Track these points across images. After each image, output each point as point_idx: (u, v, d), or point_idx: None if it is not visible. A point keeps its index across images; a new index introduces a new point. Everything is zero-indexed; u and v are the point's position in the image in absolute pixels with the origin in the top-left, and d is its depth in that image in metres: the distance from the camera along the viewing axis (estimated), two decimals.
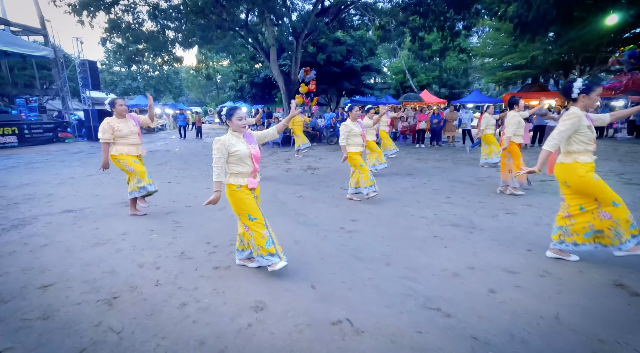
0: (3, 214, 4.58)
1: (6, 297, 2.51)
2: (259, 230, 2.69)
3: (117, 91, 26.03)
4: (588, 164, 2.76)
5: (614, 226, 2.69)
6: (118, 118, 4.19)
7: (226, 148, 2.63)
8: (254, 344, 1.99)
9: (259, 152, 2.83)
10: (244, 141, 2.75)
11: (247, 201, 2.70)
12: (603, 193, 2.70)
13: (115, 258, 3.18)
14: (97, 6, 12.06)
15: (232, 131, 2.75)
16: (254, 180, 2.78)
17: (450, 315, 2.25)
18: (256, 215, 2.70)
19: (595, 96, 2.74)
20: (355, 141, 4.81)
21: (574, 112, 2.75)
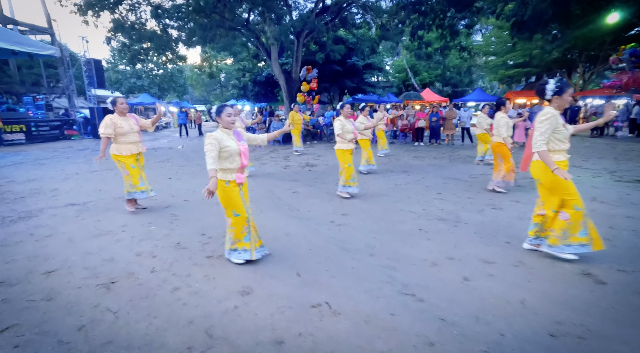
0: (11, 207, 4.81)
1: (13, 281, 2.71)
2: (239, 226, 2.85)
3: (122, 89, 26.35)
4: (562, 163, 2.88)
5: (566, 230, 2.82)
6: (120, 116, 4.37)
7: (218, 142, 2.76)
8: (238, 323, 2.16)
9: (247, 149, 2.96)
10: (233, 138, 2.89)
11: (233, 197, 2.83)
12: (569, 194, 2.81)
13: (114, 248, 3.37)
14: (101, 6, 12.27)
15: (222, 128, 2.89)
16: (242, 175, 2.91)
17: (424, 300, 2.40)
18: (240, 212, 2.84)
19: (567, 96, 2.85)
20: (346, 137, 4.92)
21: (549, 111, 2.87)
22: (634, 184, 5.53)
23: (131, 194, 4.41)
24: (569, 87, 2.87)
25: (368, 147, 6.77)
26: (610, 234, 3.45)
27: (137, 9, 13.10)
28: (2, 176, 7.12)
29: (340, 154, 5.00)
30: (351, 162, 5.02)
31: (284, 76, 13.43)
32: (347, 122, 4.95)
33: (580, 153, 9.18)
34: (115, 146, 4.37)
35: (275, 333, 2.06)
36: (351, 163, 5.02)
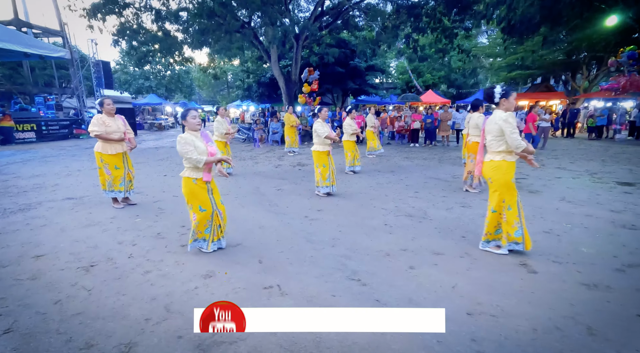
0: (13, 200, 5.18)
1: (4, 263, 3.03)
2: (204, 220, 3.09)
3: (131, 90, 27.08)
4: (512, 164, 3.06)
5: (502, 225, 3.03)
6: (107, 116, 4.62)
7: (189, 143, 3.02)
8: (194, 301, 2.44)
9: (215, 150, 3.18)
10: (201, 140, 3.12)
11: (200, 194, 3.06)
12: (511, 195, 3.01)
13: (100, 237, 3.68)
14: (108, 10, 12.74)
15: (190, 130, 3.10)
16: (209, 174, 3.12)
17: (366, 284, 2.64)
18: (206, 207, 3.07)
19: (512, 99, 3.06)
20: (322, 140, 5.14)
21: (501, 115, 3.06)
22: (610, 186, 5.65)
23: (111, 193, 4.66)
24: (514, 91, 3.09)
25: (353, 148, 6.98)
26: (561, 230, 3.65)
27: (141, 13, 13.56)
28: (9, 172, 7.55)
29: (317, 155, 5.22)
30: (326, 163, 5.23)
31: (284, 77, 13.73)
32: (322, 125, 5.17)
33: (570, 154, 9.26)
34: (101, 144, 4.53)
35: None
36: (326, 164, 5.23)
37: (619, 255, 3.05)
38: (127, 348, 1.95)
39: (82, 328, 2.13)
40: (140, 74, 25.48)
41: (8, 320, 2.21)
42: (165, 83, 27.08)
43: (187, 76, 28.85)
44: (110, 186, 4.63)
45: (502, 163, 3.05)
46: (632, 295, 2.42)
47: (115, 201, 4.80)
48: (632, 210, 4.32)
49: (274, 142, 13.08)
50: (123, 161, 4.70)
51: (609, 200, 4.79)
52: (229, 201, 5.11)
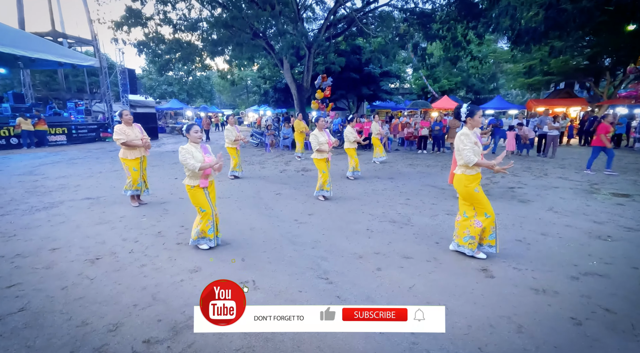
0: (40, 199, 5.77)
1: (25, 254, 3.51)
2: (205, 220, 3.50)
3: (155, 95, 28.48)
4: (472, 176, 3.25)
5: (480, 233, 3.22)
6: (126, 126, 5.19)
7: (189, 152, 3.43)
8: (178, 291, 2.79)
9: (211, 160, 3.58)
10: (200, 151, 3.54)
11: (199, 197, 3.49)
12: (480, 204, 3.21)
13: (108, 233, 4.13)
14: (133, 23, 13.61)
15: (191, 142, 3.54)
16: (206, 181, 3.52)
17: (332, 283, 2.92)
18: (205, 208, 3.49)
19: (477, 117, 3.27)
20: (322, 148, 5.47)
21: (464, 132, 3.28)
22: (604, 197, 5.65)
23: (128, 191, 5.26)
24: (478, 110, 3.30)
25: (354, 155, 7.26)
26: (533, 239, 3.78)
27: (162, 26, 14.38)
28: (40, 173, 8.28)
29: (317, 162, 5.56)
30: (326, 169, 5.56)
31: (296, 84, 14.15)
32: (320, 134, 5.49)
33: (579, 164, 9.13)
34: (123, 150, 5.21)
35: (193, 300, 2.65)
36: (326, 170, 5.56)
37: (580, 264, 3.17)
38: (115, 327, 2.32)
39: (80, 310, 2.52)
40: (164, 80, 26.73)
41: (23, 301, 2.64)
42: (187, 88, 28.25)
43: (207, 82, 29.97)
44: (130, 186, 5.24)
45: (462, 176, 3.25)
46: (576, 300, 2.57)
47: (132, 199, 5.38)
48: (615, 222, 4.36)
49: (284, 147, 13.49)
50: (140, 165, 5.29)
51: (596, 211, 4.83)
52: (229, 203, 5.51)
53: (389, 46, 12.11)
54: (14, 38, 13.90)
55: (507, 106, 22.13)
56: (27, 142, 13.91)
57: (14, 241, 3.89)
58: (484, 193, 3.28)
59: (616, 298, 2.59)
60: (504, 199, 5.67)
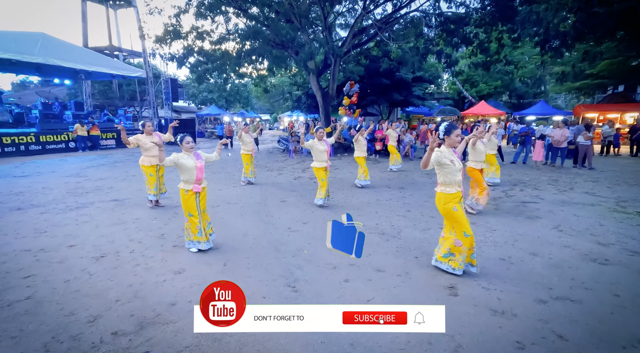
0: (76, 199, 6.53)
1: (47, 249, 4.06)
2: (194, 224, 3.83)
3: (197, 101, 30.42)
4: (452, 195, 3.25)
5: (462, 253, 3.19)
6: (146, 135, 5.76)
7: (177, 159, 3.79)
8: (157, 290, 3.11)
9: (203, 166, 3.94)
10: (193, 158, 3.90)
11: (190, 202, 3.83)
12: (458, 223, 3.19)
13: (119, 234, 4.62)
14: (174, 36, 14.74)
15: (184, 151, 3.92)
16: (199, 186, 3.88)
17: (297, 291, 3.08)
18: (194, 213, 3.82)
19: (454, 136, 3.27)
20: (320, 157, 5.65)
21: (440, 149, 3.29)
22: (626, 216, 5.21)
23: (151, 196, 5.82)
24: (455, 129, 3.30)
25: (364, 163, 7.34)
26: (519, 258, 3.66)
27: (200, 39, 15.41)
28: (84, 175, 9.30)
29: (316, 171, 5.75)
30: (325, 178, 5.73)
31: (321, 92, 14.42)
32: (319, 144, 5.67)
33: (616, 178, 8.40)
34: (141, 157, 5.80)
35: (175, 298, 2.96)
36: (325, 178, 5.72)
37: (557, 287, 3.04)
38: (94, 318, 2.67)
39: (72, 301, 2.92)
40: (205, 88, 28.42)
41: (31, 291, 3.10)
42: (226, 95, 29.78)
43: (244, 89, 31.34)
44: (148, 190, 5.83)
45: (441, 195, 3.27)
46: (531, 324, 2.50)
47: (150, 202, 5.95)
48: (623, 244, 4.05)
49: (308, 153, 13.79)
50: (156, 171, 5.83)
51: (607, 232, 4.49)
52: (234, 209, 5.86)
53: (409, 54, 11.96)
54: (76, 54, 15.69)
55: (551, 112, 20.62)
56: (82, 146, 15.54)
57: (43, 237, 4.50)
58: (463, 212, 3.26)
59: (576, 325, 2.48)
60: (511, 214, 5.45)
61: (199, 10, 13.97)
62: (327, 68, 16.71)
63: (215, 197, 6.69)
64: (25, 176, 8.98)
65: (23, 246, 4.11)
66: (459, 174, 3.30)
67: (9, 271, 3.46)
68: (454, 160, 3.29)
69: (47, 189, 7.37)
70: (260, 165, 11.32)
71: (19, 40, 13.16)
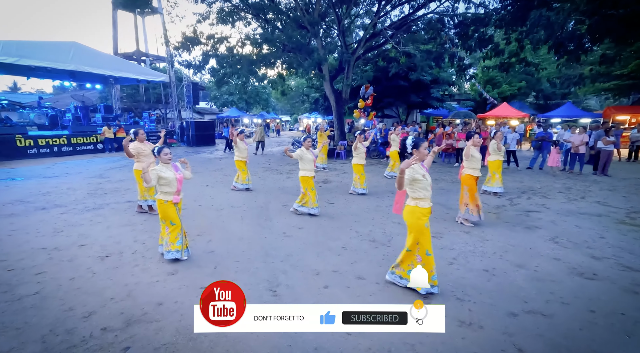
0: (94, 200, 7.01)
1: (60, 248, 4.44)
2: (174, 233, 3.99)
3: (218, 103, 31.36)
4: (425, 210, 3.28)
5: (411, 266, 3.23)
6: (140, 143, 6.05)
7: (158, 173, 3.89)
8: (150, 290, 3.37)
9: (182, 177, 4.07)
10: (171, 170, 4.04)
11: (170, 212, 3.97)
12: (425, 240, 3.23)
13: (126, 235, 4.96)
14: (194, 43, 15.33)
15: (162, 163, 4.06)
16: (178, 197, 4.02)
17: (277, 296, 3.25)
18: (175, 222, 3.98)
19: (423, 149, 3.30)
20: (307, 166, 5.76)
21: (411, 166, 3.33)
22: (633, 229, 5.02)
23: (140, 201, 6.05)
24: (422, 142, 3.34)
25: (361, 171, 7.39)
26: (502, 270, 3.65)
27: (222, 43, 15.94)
28: (106, 176, 9.90)
29: (303, 180, 5.83)
30: (313, 186, 5.81)
31: (334, 95, 14.55)
32: (307, 152, 5.77)
33: (635, 186, 8.01)
34: (137, 164, 5.97)
35: (164, 298, 3.21)
36: (314, 187, 5.81)
37: (532, 301, 3.03)
38: (89, 314, 2.95)
39: (73, 298, 3.23)
40: (226, 90, 29.22)
41: (40, 286, 3.44)
42: (246, 98, 30.49)
43: (264, 91, 31.94)
44: (139, 195, 6.07)
45: (415, 208, 3.30)
46: (494, 336, 2.54)
47: (139, 207, 6.12)
48: (617, 259, 3.94)
49: None
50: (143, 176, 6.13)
51: (605, 245, 4.37)
52: (236, 212, 6.11)
53: (418, 58, 11.86)
54: (106, 61, 16.66)
55: (578, 114, 19.71)
56: (109, 147, 16.43)
57: (59, 236, 4.91)
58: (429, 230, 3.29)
59: (540, 339, 2.50)
60: (509, 224, 5.38)
61: (219, 16, 14.50)
62: (341, 72, 16.84)
63: (221, 200, 6.99)
64: (55, 176, 9.68)
65: (40, 245, 4.52)
66: (430, 189, 3.33)
67: (24, 268, 3.84)
68: (425, 174, 3.32)
69: (71, 190, 7.93)
70: (271, 168, 11.60)
71: (54, 50, 14.14)
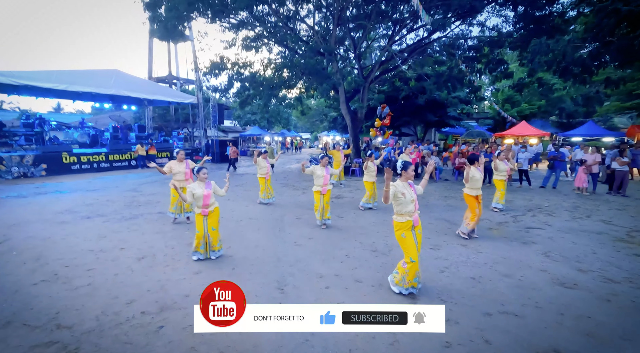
0: (130, 211, 7.85)
1: (105, 250, 5.17)
2: (198, 239, 4.67)
3: (241, 122, 32.91)
4: (402, 223, 3.72)
5: (405, 275, 3.66)
6: (178, 162, 6.87)
7: (192, 191, 4.62)
8: (179, 285, 3.99)
9: (210, 193, 4.74)
10: (202, 187, 4.73)
11: (198, 222, 4.68)
12: (406, 249, 3.67)
13: (158, 240, 5.66)
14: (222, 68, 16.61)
15: (199, 180, 4.80)
16: (206, 210, 4.70)
17: (284, 293, 3.78)
18: (199, 230, 4.67)
19: (410, 171, 3.79)
20: (318, 182, 6.35)
21: (395, 184, 3.80)
22: (629, 246, 5.22)
23: (168, 213, 6.86)
24: (410, 166, 3.84)
25: (371, 188, 7.90)
26: (489, 278, 4.03)
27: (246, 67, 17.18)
28: (140, 190, 10.87)
29: (315, 194, 6.42)
30: (318, 201, 6.36)
31: (350, 116, 15.24)
32: (319, 169, 6.35)
33: None
34: (172, 181, 6.80)
35: (190, 291, 3.80)
36: (317, 201, 6.37)
37: (509, 304, 3.41)
38: (130, 301, 3.59)
39: (118, 289, 3.89)
40: (249, 110, 30.73)
41: (91, 279, 4.13)
42: (267, 116, 31.88)
43: (285, 110, 33.28)
44: (170, 207, 6.85)
45: (394, 222, 3.80)
46: (466, 330, 2.95)
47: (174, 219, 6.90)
48: (603, 272, 4.21)
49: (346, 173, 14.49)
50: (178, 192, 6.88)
51: (595, 260, 4.63)
52: (254, 224, 6.73)
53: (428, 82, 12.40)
54: (141, 85, 18.30)
55: (600, 133, 19.38)
56: (141, 164, 17.73)
57: (103, 240, 5.68)
58: (412, 239, 3.71)
59: (507, 334, 2.89)
60: (507, 239, 5.69)
61: (244, 43, 15.74)
62: (357, 93, 17.61)
63: (241, 213, 7.65)
64: (95, 190, 10.74)
65: (88, 247, 5.29)
66: (410, 205, 3.73)
67: (77, 265, 4.58)
68: (406, 193, 3.74)
69: (110, 201, 8.86)
70: (288, 184, 12.27)
71: (97, 77, 15.75)
